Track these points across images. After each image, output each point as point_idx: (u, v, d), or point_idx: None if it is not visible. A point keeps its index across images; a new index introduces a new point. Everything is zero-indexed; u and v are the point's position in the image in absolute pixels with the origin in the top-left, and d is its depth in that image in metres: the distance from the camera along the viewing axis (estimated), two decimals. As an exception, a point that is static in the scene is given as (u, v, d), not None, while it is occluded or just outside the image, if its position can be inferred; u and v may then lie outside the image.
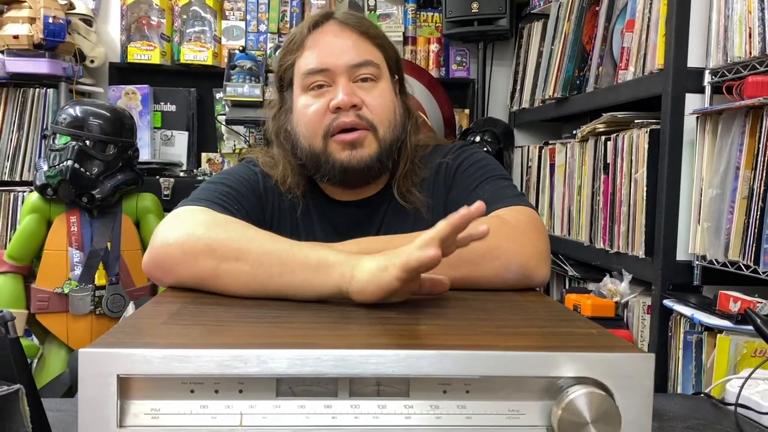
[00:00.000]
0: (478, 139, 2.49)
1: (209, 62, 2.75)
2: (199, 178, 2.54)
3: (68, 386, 1.86)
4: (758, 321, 0.74)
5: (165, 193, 2.39)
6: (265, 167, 1.12)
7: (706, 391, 0.98)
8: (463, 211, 0.72)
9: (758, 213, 1.34)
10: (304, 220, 1.11)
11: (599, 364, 0.56)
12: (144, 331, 0.61)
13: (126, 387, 0.54)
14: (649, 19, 1.72)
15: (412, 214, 1.09)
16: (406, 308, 0.74)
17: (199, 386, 0.54)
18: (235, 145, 2.86)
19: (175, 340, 0.59)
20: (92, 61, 2.65)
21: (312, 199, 1.12)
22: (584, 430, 0.54)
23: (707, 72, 1.56)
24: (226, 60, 2.72)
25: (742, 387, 0.87)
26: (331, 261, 0.77)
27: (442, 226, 0.72)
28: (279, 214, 1.10)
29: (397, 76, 1.15)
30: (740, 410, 0.86)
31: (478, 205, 0.72)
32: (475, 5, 2.63)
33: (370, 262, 0.75)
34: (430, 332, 0.64)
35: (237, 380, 0.54)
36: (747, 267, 1.38)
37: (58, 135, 2.02)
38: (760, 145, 1.34)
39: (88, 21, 2.64)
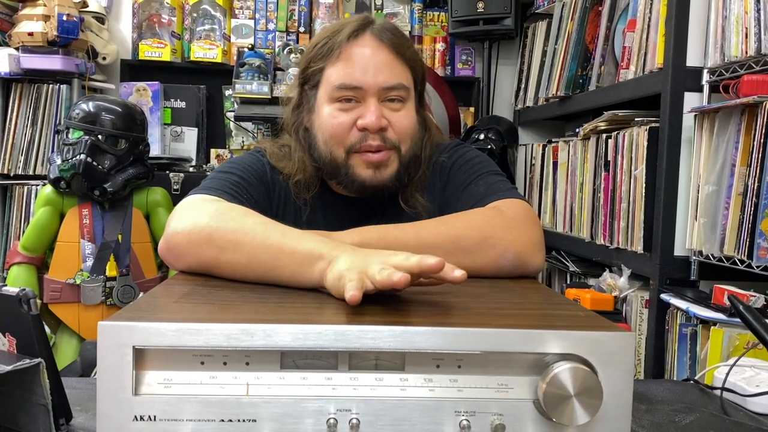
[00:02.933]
0: (482, 137, 2.52)
1: (219, 60, 2.79)
2: (208, 173, 2.58)
3: (79, 374, 1.90)
4: (740, 307, 0.77)
5: (174, 187, 2.44)
6: (273, 158, 1.14)
7: (696, 378, 1.01)
8: (437, 264, 0.68)
9: (752, 209, 1.36)
10: (309, 213, 1.13)
11: (583, 342, 0.59)
12: (158, 308, 0.66)
13: (141, 358, 0.57)
14: (649, 19, 1.75)
15: (416, 216, 1.11)
16: (404, 292, 0.77)
17: (208, 358, 0.58)
18: (243, 142, 2.90)
19: (187, 316, 0.63)
20: (104, 58, 2.70)
21: (317, 194, 1.14)
22: (568, 402, 0.58)
23: (705, 71, 1.59)
24: (235, 58, 2.77)
25: (728, 373, 0.90)
26: (316, 255, 0.78)
27: (414, 264, 0.68)
28: (285, 203, 1.13)
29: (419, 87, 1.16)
30: (726, 394, 0.89)
31: (461, 275, 0.68)
32: (480, 5, 2.66)
33: (340, 265, 0.74)
34: (425, 312, 0.68)
35: (244, 353, 0.58)
36: (741, 262, 1.41)
37: (71, 129, 2.07)
38: (755, 142, 1.37)
39: (100, 19, 2.69)
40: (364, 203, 1.15)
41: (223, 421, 0.57)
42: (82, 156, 2.01)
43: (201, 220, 0.89)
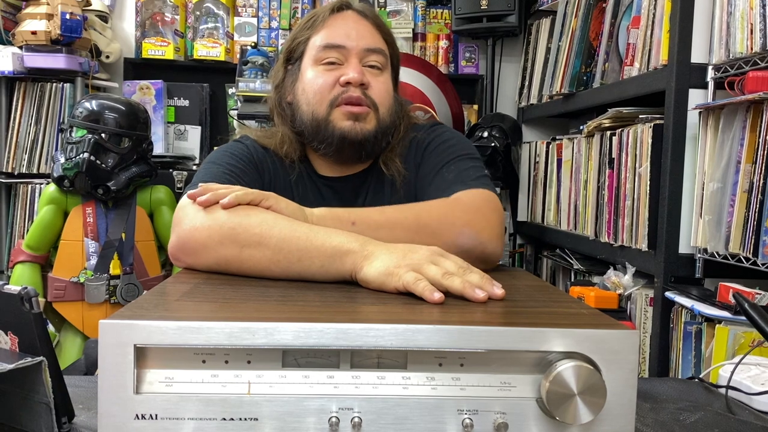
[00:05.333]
0: (486, 134, 2.51)
1: (222, 58, 2.79)
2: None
3: (83, 373, 1.90)
4: (746, 304, 0.77)
5: (178, 186, 2.44)
6: (260, 139, 1.19)
7: (701, 376, 1.01)
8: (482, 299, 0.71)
9: (758, 206, 1.36)
10: (297, 187, 1.17)
11: (587, 340, 0.58)
12: (159, 306, 0.65)
13: (142, 356, 0.57)
14: (654, 15, 1.75)
15: (389, 190, 1.17)
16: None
17: (210, 357, 0.58)
18: (246, 140, 2.90)
19: (189, 314, 0.62)
20: (108, 57, 2.71)
21: (306, 175, 1.19)
22: (571, 401, 0.57)
23: (710, 68, 1.58)
24: (238, 56, 2.76)
25: (733, 371, 0.90)
26: (346, 249, 0.80)
27: (456, 289, 0.72)
28: (275, 184, 1.16)
29: (394, 73, 1.23)
30: (731, 393, 0.88)
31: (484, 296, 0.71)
32: (484, 2, 2.65)
33: (380, 261, 0.77)
34: (428, 310, 0.67)
35: (245, 351, 0.58)
36: (747, 259, 1.40)
37: (74, 128, 2.07)
38: (760, 139, 1.36)
39: (103, 17, 2.69)
40: (350, 184, 1.19)
41: (224, 419, 0.57)
42: (86, 154, 2.01)
43: (220, 217, 0.88)
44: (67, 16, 2.37)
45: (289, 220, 0.88)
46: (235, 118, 2.84)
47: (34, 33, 2.38)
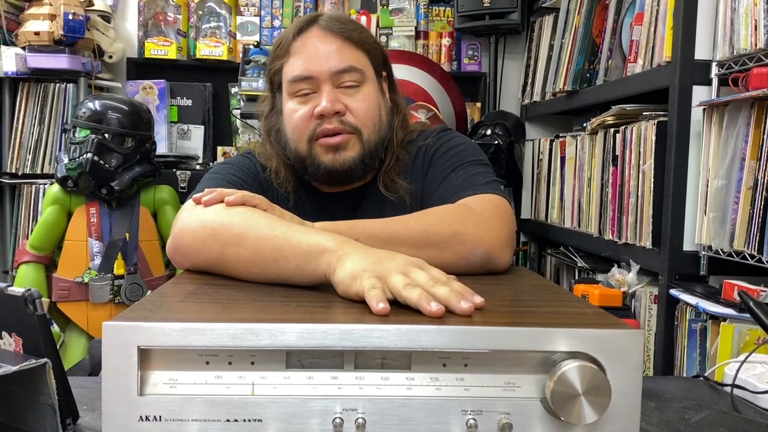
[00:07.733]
0: (489, 132, 2.51)
1: (224, 57, 2.79)
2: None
3: (88, 372, 1.91)
4: (751, 302, 0.76)
5: (182, 185, 2.44)
6: (261, 158, 1.16)
7: (706, 375, 1.00)
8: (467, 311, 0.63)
9: (762, 203, 1.35)
10: (298, 211, 1.13)
11: (591, 340, 0.58)
12: (163, 307, 0.65)
13: (146, 358, 0.57)
14: (657, 12, 1.74)
15: (391, 202, 1.12)
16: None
17: (213, 358, 0.58)
18: (249, 139, 2.90)
19: (192, 315, 0.62)
20: (110, 57, 2.71)
21: (304, 192, 1.16)
22: (576, 401, 0.57)
23: (714, 64, 1.57)
24: (240, 55, 2.76)
25: (738, 369, 0.90)
26: (322, 247, 0.75)
27: (413, 301, 0.64)
28: (277, 201, 1.11)
29: (385, 73, 1.17)
30: (736, 391, 0.88)
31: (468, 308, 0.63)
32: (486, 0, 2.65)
33: (351, 263, 0.72)
34: (431, 310, 0.67)
35: (249, 352, 0.58)
36: (752, 256, 1.39)
37: (78, 128, 2.07)
38: (765, 136, 1.35)
39: (106, 17, 2.69)
40: (348, 197, 1.15)
41: (228, 421, 0.57)
42: (89, 155, 2.01)
43: (206, 217, 0.88)
44: (70, 17, 2.37)
45: (271, 218, 0.85)
46: (238, 117, 2.85)
47: (37, 33, 2.38)
